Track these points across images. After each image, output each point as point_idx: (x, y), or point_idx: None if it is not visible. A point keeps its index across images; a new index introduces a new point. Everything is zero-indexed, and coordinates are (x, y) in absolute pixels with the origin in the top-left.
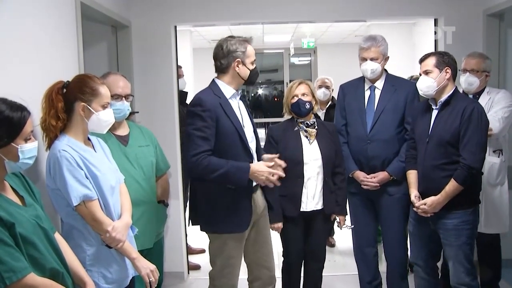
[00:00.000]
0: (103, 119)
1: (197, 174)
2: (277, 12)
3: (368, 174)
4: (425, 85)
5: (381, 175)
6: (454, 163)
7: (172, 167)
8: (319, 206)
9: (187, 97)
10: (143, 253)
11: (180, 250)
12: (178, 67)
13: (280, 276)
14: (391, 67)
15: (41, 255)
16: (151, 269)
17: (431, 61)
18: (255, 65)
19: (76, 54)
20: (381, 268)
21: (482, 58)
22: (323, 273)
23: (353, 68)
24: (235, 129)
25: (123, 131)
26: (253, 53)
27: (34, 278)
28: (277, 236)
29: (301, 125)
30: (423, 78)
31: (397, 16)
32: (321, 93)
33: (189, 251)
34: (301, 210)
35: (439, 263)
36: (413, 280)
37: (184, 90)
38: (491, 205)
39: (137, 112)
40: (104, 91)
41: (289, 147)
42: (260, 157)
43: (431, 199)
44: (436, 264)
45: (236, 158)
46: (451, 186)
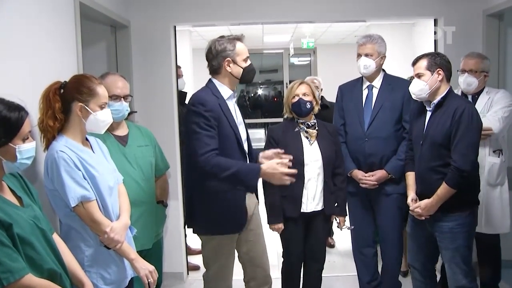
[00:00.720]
0: (100, 119)
1: (207, 172)
2: (276, 12)
3: (366, 173)
4: (417, 89)
5: (379, 173)
6: (448, 165)
7: (172, 168)
8: (319, 207)
9: (186, 97)
10: (142, 253)
11: (179, 251)
12: (177, 67)
13: (280, 277)
14: (391, 67)
15: (39, 255)
16: (150, 270)
17: (422, 63)
18: (249, 62)
19: (75, 54)
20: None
21: (481, 58)
22: (322, 274)
23: (352, 68)
24: (232, 130)
25: (122, 131)
26: (244, 50)
27: (31, 279)
28: (277, 237)
29: (301, 125)
30: (415, 81)
31: (396, 17)
32: None
33: (189, 251)
34: (301, 211)
35: (438, 265)
36: (411, 282)
37: (183, 90)
38: (491, 205)
39: (135, 112)
40: (101, 91)
41: (289, 148)
42: (252, 157)
43: (424, 202)
44: (434, 267)
45: (233, 158)
46: (443, 189)
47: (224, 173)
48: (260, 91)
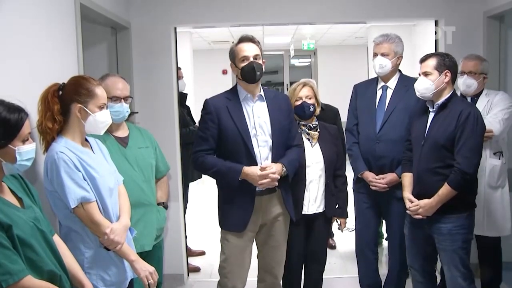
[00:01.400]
0: (100, 120)
1: (197, 169)
2: (277, 14)
3: (377, 175)
4: (423, 87)
5: (390, 176)
6: (448, 166)
7: (172, 169)
8: (320, 209)
9: (187, 98)
10: (142, 255)
11: (179, 252)
12: (178, 68)
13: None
14: None
15: (39, 257)
16: (150, 271)
17: (432, 62)
18: (247, 62)
19: (75, 56)
20: (381, 271)
21: (480, 60)
22: (323, 275)
23: (353, 69)
24: (238, 132)
25: (122, 132)
26: (240, 51)
27: (31, 280)
28: None
29: (303, 127)
30: (421, 79)
31: (397, 18)
32: None
33: (189, 253)
34: (302, 213)
35: (438, 266)
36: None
37: (183, 92)
38: (492, 207)
39: (136, 113)
40: (100, 92)
41: None
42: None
43: (424, 201)
44: (433, 268)
45: (238, 160)
46: (444, 190)
47: (208, 171)
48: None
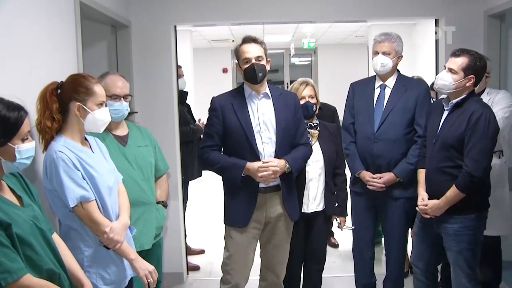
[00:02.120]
0: (99, 118)
1: (202, 165)
2: (277, 12)
3: (374, 174)
4: (442, 82)
5: (387, 176)
6: (458, 167)
7: (171, 168)
8: (320, 208)
9: (187, 97)
10: (141, 254)
11: (179, 251)
12: (178, 67)
13: None
14: None
15: (38, 256)
16: (150, 270)
17: (462, 61)
18: (249, 63)
19: (75, 54)
20: (378, 270)
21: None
22: (323, 274)
23: (353, 68)
24: (241, 127)
25: (122, 131)
26: (243, 52)
27: (30, 279)
28: None
29: None
30: (444, 73)
31: (397, 17)
32: None
33: (189, 251)
34: (302, 211)
35: (438, 266)
36: (412, 282)
37: (184, 90)
38: (491, 207)
39: (136, 112)
40: (98, 89)
41: None
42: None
43: (432, 202)
44: (437, 268)
45: (242, 156)
46: (452, 192)
47: (212, 167)
48: None
